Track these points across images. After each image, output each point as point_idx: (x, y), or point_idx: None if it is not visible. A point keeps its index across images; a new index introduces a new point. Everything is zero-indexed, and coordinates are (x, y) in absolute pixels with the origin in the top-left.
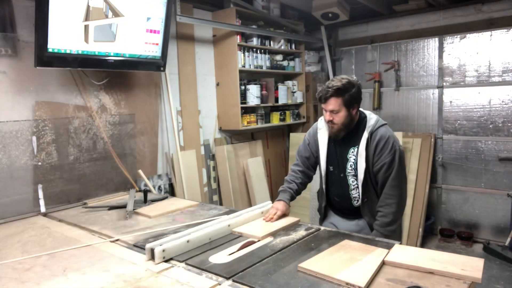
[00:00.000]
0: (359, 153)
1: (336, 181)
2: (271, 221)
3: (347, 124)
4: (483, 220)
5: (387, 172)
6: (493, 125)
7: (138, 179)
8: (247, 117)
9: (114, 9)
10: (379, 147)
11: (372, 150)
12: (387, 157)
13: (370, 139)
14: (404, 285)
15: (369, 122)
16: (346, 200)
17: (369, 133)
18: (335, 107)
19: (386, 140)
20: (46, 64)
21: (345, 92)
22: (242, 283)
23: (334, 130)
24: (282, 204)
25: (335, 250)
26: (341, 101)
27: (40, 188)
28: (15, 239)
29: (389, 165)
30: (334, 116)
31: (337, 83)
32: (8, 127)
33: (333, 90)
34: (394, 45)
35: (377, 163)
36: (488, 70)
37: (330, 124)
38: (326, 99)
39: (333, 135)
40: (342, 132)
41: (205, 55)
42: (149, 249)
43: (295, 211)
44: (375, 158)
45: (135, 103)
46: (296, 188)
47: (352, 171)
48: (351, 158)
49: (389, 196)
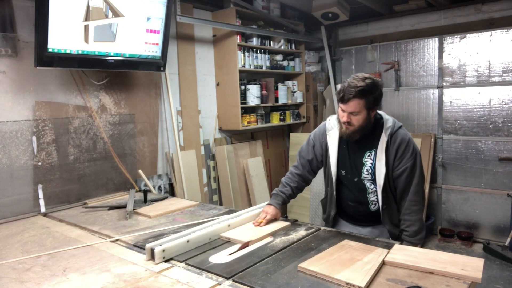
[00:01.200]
0: (377, 157)
1: (350, 186)
2: (260, 225)
3: (364, 127)
4: (483, 220)
5: (409, 177)
6: (493, 125)
7: (138, 179)
8: (247, 117)
9: (114, 9)
10: (400, 151)
11: (393, 154)
12: (409, 161)
13: (390, 142)
14: (404, 285)
15: (386, 123)
16: (362, 204)
17: (389, 135)
18: (356, 109)
19: (407, 143)
20: (46, 64)
21: (369, 94)
22: (242, 283)
23: (349, 131)
24: (272, 208)
25: (335, 250)
26: (364, 103)
27: (40, 188)
28: (15, 239)
29: (411, 169)
30: (352, 117)
31: (361, 83)
32: (8, 127)
33: (357, 91)
34: (394, 45)
35: (398, 167)
36: (488, 70)
37: (346, 125)
38: (348, 100)
39: (347, 136)
40: (358, 134)
41: (205, 55)
42: (149, 249)
43: (295, 211)
44: (395, 162)
45: (135, 103)
46: (290, 192)
47: (369, 176)
48: (368, 162)
49: (414, 202)
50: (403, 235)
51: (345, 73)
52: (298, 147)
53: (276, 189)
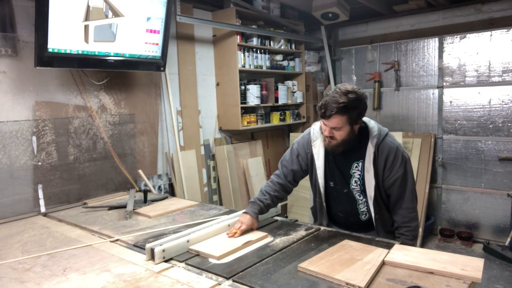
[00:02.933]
0: (365, 168)
1: (340, 197)
2: (234, 236)
3: (347, 140)
4: (483, 220)
5: (402, 186)
6: (493, 125)
7: (138, 179)
8: (247, 117)
9: (114, 9)
10: (389, 161)
11: (382, 164)
12: (399, 170)
13: (377, 153)
14: (404, 285)
15: (371, 132)
16: (352, 215)
17: (375, 146)
18: (338, 125)
19: (395, 152)
20: (46, 64)
21: (352, 110)
22: (242, 283)
23: (332, 145)
24: (247, 218)
25: (335, 250)
26: (346, 118)
27: (40, 188)
28: (15, 239)
29: (403, 178)
30: (335, 132)
31: (343, 98)
32: (8, 127)
33: (339, 108)
34: (394, 45)
35: (389, 178)
36: (488, 70)
37: (328, 139)
38: (330, 116)
39: (330, 149)
40: (341, 148)
41: (205, 55)
42: (149, 249)
43: (295, 211)
44: (385, 173)
45: (135, 103)
46: (269, 202)
47: (358, 187)
48: (356, 173)
49: (411, 210)
50: (402, 239)
51: (345, 73)
52: None
53: (254, 197)
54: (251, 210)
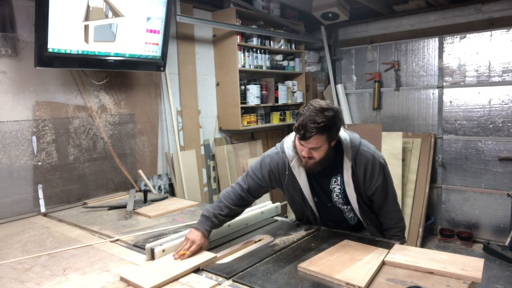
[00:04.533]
0: (345, 182)
1: (326, 209)
2: (182, 258)
3: (326, 158)
4: (483, 220)
5: (384, 192)
6: (493, 125)
7: (138, 179)
8: (247, 117)
9: (114, 9)
10: (368, 172)
11: (361, 176)
12: (379, 178)
13: (355, 166)
14: (404, 285)
15: (345, 145)
16: (341, 223)
17: (352, 160)
18: (318, 144)
19: (372, 162)
20: (46, 64)
21: (331, 128)
22: (242, 283)
23: (309, 165)
24: (199, 236)
25: (335, 250)
26: (325, 137)
27: (40, 188)
28: (15, 239)
29: (383, 184)
30: (313, 152)
31: (321, 117)
32: (8, 127)
33: (318, 128)
34: (394, 45)
35: (370, 187)
36: (488, 70)
37: (306, 159)
38: (309, 137)
39: (308, 169)
40: (319, 166)
41: (205, 55)
42: (149, 249)
43: None
44: (366, 184)
45: (135, 103)
46: (224, 218)
47: (340, 200)
48: (335, 188)
49: (396, 212)
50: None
51: (345, 73)
52: None
53: (208, 209)
54: (203, 226)
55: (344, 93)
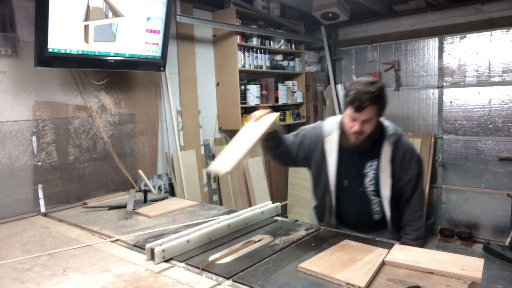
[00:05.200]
0: (381, 167)
1: (353, 196)
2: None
3: (373, 134)
4: (483, 220)
5: (414, 186)
6: (493, 125)
7: (138, 179)
8: (247, 117)
9: (114, 9)
10: (406, 161)
11: (398, 164)
12: (414, 170)
13: (395, 151)
14: (404, 285)
15: (387, 131)
16: (365, 215)
17: (393, 144)
18: (370, 116)
19: (411, 152)
20: (46, 64)
21: (382, 99)
22: (242, 283)
23: (358, 141)
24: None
25: (335, 250)
26: (377, 109)
27: (40, 188)
28: (15, 239)
29: (416, 177)
30: (365, 126)
31: (372, 88)
32: (8, 127)
33: (373, 97)
34: (394, 45)
35: (404, 177)
36: (488, 70)
37: (356, 135)
38: (364, 108)
39: (356, 147)
40: (367, 143)
41: (205, 55)
42: (149, 249)
43: (295, 211)
44: (401, 172)
45: (135, 103)
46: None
47: (372, 187)
48: (369, 173)
49: (417, 208)
50: (405, 238)
51: (345, 73)
52: None
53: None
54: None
55: (344, 93)
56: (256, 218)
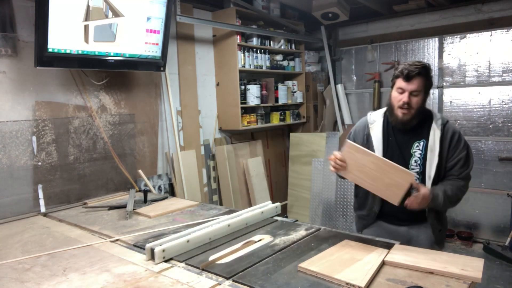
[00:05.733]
0: (429, 147)
1: None
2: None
3: (420, 112)
4: (483, 220)
5: (463, 167)
6: (493, 125)
7: (138, 179)
8: (247, 117)
9: (114, 9)
10: (454, 142)
11: (447, 144)
12: (463, 151)
13: (444, 132)
14: (404, 285)
15: (435, 115)
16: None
17: (441, 125)
18: (419, 87)
19: (459, 134)
20: (46, 64)
21: (429, 73)
22: (242, 283)
23: (407, 116)
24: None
25: (335, 250)
26: (425, 82)
27: (40, 188)
28: (15, 239)
29: (465, 160)
30: (412, 98)
31: (420, 63)
32: (8, 127)
33: (421, 67)
34: (394, 45)
35: (452, 158)
36: (488, 70)
37: (404, 108)
38: (413, 76)
39: (403, 123)
40: (414, 120)
41: (205, 55)
42: (149, 249)
43: (295, 211)
44: (450, 153)
45: (135, 103)
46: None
47: (417, 167)
48: (416, 153)
49: (462, 186)
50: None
51: (345, 73)
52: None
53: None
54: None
55: (344, 93)
56: (256, 218)
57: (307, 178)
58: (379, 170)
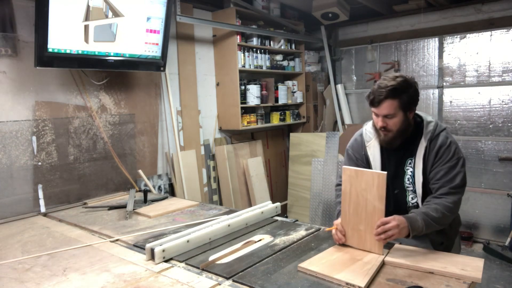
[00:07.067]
0: (416, 164)
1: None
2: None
3: (403, 130)
4: (483, 220)
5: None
6: (493, 125)
7: (138, 179)
8: (247, 117)
9: (114, 9)
10: (439, 155)
11: (431, 159)
12: (448, 162)
13: (429, 148)
14: (404, 285)
15: (427, 127)
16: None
17: (428, 140)
18: (390, 111)
19: (447, 146)
20: (46, 64)
21: (402, 93)
22: (242, 283)
23: (387, 138)
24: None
25: (335, 250)
26: (398, 103)
27: (40, 188)
28: (15, 239)
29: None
30: (388, 121)
31: (391, 82)
32: (8, 127)
33: (388, 91)
34: (394, 45)
35: (435, 169)
36: (488, 70)
37: (383, 131)
38: (379, 102)
39: (386, 144)
40: (398, 140)
41: (205, 55)
42: (149, 249)
43: (295, 211)
44: (433, 165)
45: (135, 103)
46: None
47: (410, 186)
48: (408, 170)
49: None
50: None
51: (345, 73)
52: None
53: (338, 209)
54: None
55: (344, 93)
56: (256, 218)
57: (307, 178)
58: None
